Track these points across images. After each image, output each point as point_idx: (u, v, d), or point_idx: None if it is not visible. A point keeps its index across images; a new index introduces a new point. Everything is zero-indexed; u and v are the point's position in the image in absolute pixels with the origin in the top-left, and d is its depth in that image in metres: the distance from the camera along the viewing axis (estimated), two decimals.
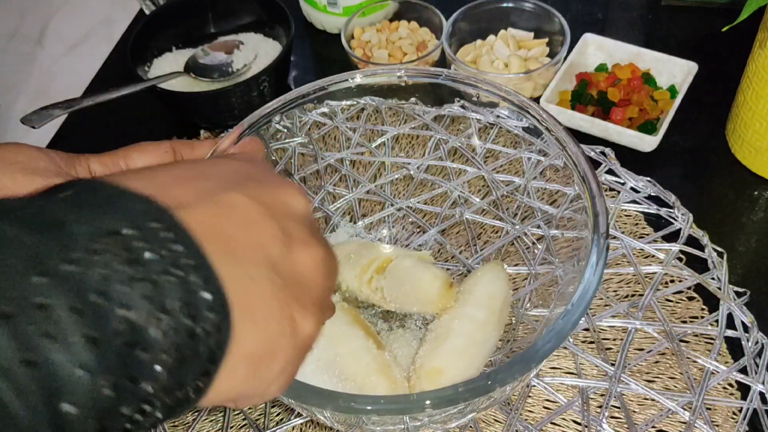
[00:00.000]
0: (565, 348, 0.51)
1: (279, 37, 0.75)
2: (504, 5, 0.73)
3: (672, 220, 0.57)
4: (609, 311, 0.52)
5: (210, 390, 0.22)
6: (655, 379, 0.49)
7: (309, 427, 0.50)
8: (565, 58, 0.68)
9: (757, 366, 0.49)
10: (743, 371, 0.49)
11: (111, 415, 0.19)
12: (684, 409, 0.47)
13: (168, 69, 0.73)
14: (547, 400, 0.49)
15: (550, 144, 0.47)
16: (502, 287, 0.49)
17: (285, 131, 0.53)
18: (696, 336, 0.51)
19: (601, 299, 0.53)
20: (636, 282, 0.54)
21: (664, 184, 0.60)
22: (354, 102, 0.54)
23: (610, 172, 0.61)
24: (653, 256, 0.55)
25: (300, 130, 0.56)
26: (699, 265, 0.54)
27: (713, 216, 0.59)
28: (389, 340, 0.51)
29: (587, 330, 0.52)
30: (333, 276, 0.29)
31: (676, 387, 0.49)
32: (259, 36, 0.76)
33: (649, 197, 0.59)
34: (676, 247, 0.55)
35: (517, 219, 0.55)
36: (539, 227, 0.52)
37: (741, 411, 0.47)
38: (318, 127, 0.58)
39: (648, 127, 0.63)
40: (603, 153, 0.62)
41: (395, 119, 0.59)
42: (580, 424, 0.48)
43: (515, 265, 0.54)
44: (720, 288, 0.53)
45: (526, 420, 0.49)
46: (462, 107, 0.53)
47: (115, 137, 0.63)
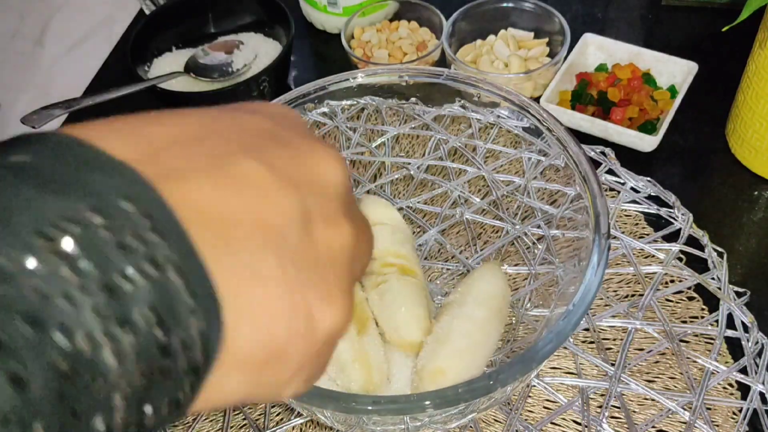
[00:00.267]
0: (566, 348, 0.51)
1: (279, 37, 0.75)
2: (504, 5, 0.73)
3: (672, 220, 0.57)
4: (609, 311, 0.52)
5: (198, 399, 0.19)
6: (655, 379, 0.49)
7: (309, 427, 0.50)
8: (565, 58, 0.68)
9: (757, 366, 0.49)
10: (743, 371, 0.49)
11: None
12: (684, 409, 0.47)
13: (168, 69, 0.73)
14: (547, 400, 0.49)
15: (550, 144, 0.47)
16: (500, 286, 0.49)
17: None
18: (696, 336, 0.51)
19: (601, 299, 0.53)
20: (636, 282, 0.54)
21: (664, 184, 0.60)
22: (354, 102, 0.54)
23: (610, 172, 0.61)
24: (653, 256, 0.55)
25: None
26: (699, 265, 0.54)
27: (713, 216, 0.59)
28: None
29: (587, 330, 0.52)
30: (364, 259, 0.25)
31: (676, 387, 0.49)
32: (259, 36, 0.76)
33: (649, 197, 0.59)
34: (676, 247, 0.55)
35: (518, 219, 0.55)
36: (539, 227, 0.52)
37: (741, 411, 0.47)
38: (318, 127, 0.58)
39: (648, 127, 0.63)
40: (603, 153, 0.62)
41: (395, 119, 0.59)
42: (580, 424, 0.48)
43: (515, 265, 0.54)
44: (720, 288, 0.53)
45: (526, 420, 0.49)
46: (462, 107, 0.53)
47: None
